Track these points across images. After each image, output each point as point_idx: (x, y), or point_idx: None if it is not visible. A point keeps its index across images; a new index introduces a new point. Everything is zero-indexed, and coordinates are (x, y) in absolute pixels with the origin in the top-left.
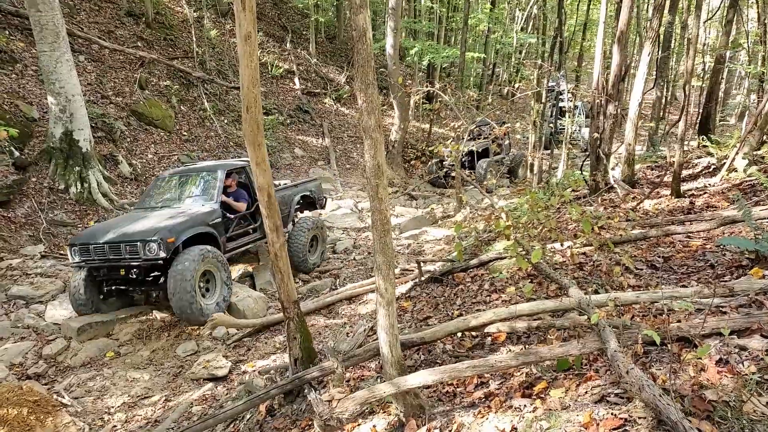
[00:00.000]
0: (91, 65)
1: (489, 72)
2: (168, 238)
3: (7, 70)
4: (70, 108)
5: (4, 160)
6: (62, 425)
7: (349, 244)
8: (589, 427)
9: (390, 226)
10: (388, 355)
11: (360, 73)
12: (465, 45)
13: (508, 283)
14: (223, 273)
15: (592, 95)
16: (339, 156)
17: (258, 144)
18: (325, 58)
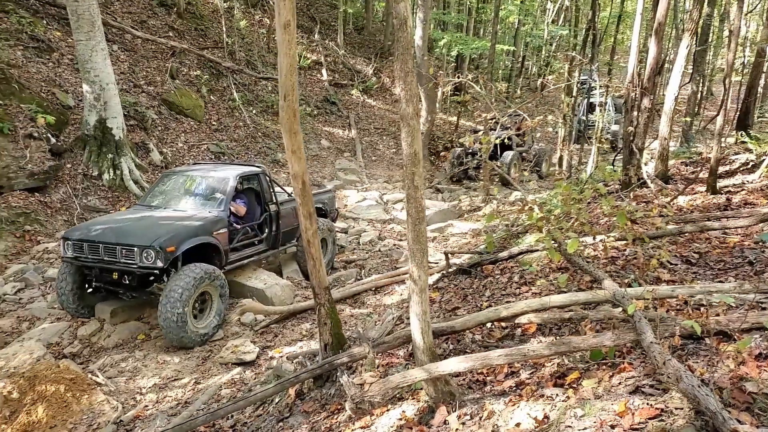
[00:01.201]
0: (124, 54)
1: (518, 65)
2: (168, 246)
3: (45, 58)
4: (104, 96)
5: (42, 147)
6: (97, 403)
7: (374, 236)
8: (624, 415)
9: (424, 214)
10: (420, 341)
11: (400, 61)
12: (495, 37)
13: (538, 276)
14: (220, 294)
15: (627, 89)
16: (365, 148)
17: (294, 132)
18: (353, 50)
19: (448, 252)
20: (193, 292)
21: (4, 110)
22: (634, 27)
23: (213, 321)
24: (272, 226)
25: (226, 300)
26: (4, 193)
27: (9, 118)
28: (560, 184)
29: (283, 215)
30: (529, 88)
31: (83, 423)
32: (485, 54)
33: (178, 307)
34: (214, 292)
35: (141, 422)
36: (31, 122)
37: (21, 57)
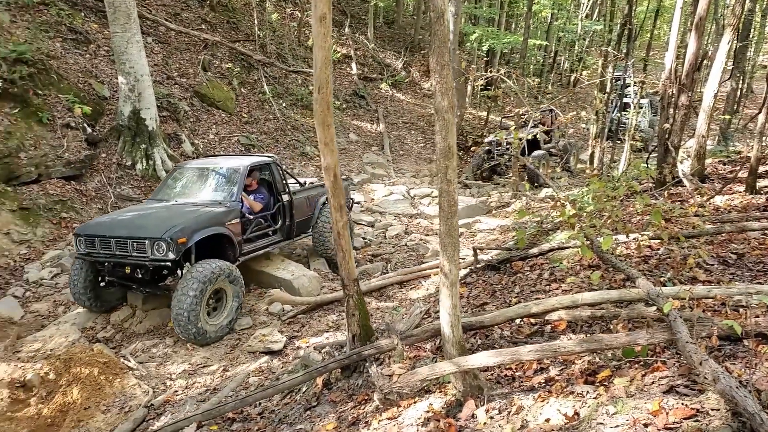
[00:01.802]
0: (158, 47)
1: (550, 60)
2: (179, 238)
3: (82, 50)
4: (139, 87)
5: (78, 136)
6: (128, 386)
7: (401, 230)
8: (658, 414)
9: (457, 208)
10: (450, 334)
11: (436, 53)
12: (528, 31)
13: (569, 273)
14: (235, 289)
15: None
16: (393, 142)
17: (327, 124)
18: (383, 43)
19: (476, 247)
20: (207, 289)
21: (43, 100)
22: (673, 22)
23: (228, 318)
24: (286, 217)
25: (242, 297)
26: (42, 181)
27: (48, 108)
28: (593, 180)
29: (296, 205)
30: (561, 84)
31: (116, 405)
32: (516, 49)
33: (191, 304)
34: (229, 289)
35: (171, 406)
36: (69, 112)
37: (60, 48)
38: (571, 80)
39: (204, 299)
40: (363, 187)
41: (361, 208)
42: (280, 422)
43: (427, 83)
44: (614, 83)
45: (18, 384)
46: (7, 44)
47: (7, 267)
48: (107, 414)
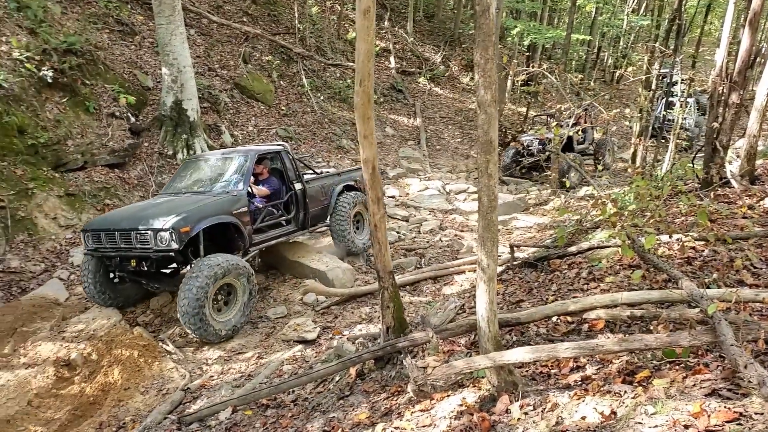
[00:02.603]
0: (200, 39)
1: (593, 56)
2: (182, 227)
3: (128, 41)
4: (181, 79)
5: (122, 125)
6: (166, 370)
7: (435, 225)
8: (699, 417)
9: (497, 203)
10: (486, 329)
11: (480, 47)
12: (571, 26)
13: (608, 273)
14: (246, 285)
15: (714, 83)
16: (429, 137)
17: (367, 117)
18: (422, 37)
19: (513, 244)
20: (211, 286)
21: (90, 90)
22: (725, 17)
23: (238, 315)
24: (299, 206)
25: (254, 293)
26: (87, 168)
27: (94, 98)
28: (636, 179)
29: (311, 195)
30: (604, 81)
31: (154, 387)
32: (559, 44)
33: (194, 301)
34: (239, 285)
35: (207, 391)
36: (114, 102)
37: (107, 40)
38: (615, 77)
39: (209, 296)
40: (398, 182)
41: (395, 203)
42: (313, 410)
43: (466, 78)
44: (660, 80)
45: (63, 363)
46: (58, 35)
47: (53, 250)
48: (146, 395)
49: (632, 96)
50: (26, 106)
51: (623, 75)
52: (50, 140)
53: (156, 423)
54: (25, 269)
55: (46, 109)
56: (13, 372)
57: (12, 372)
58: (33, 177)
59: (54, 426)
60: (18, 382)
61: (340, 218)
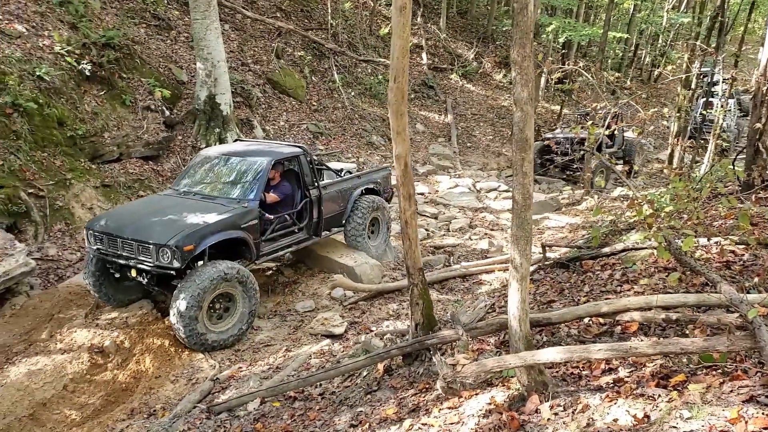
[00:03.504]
0: (234, 34)
1: (630, 54)
2: (185, 245)
3: (164, 36)
4: (215, 73)
5: (157, 119)
6: (196, 359)
7: (465, 223)
8: (736, 423)
9: (531, 201)
10: (517, 328)
11: (518, 45)
12: (608, 23)
13: (642, 275)
14: (246, 294)
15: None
16: (460, 134)
17: (401, 113)
18: (455, 33)
19: (545, 244)
20: (206, 295)
21: (127, 84)
22: None
23: (237, 324)
24: (313, 213)
25: (256, 302)
26: (122, 160)
27: (131, 91)
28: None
29: (326, 200)
30: (641, 79)
31: (184, 376)
32: (595, 41)
33: (188, 309)
34: (239, 295)
35: (235, 381)
36: (150, 95)
37: (143, 34)
38: (653, 75)
39: (204, 304)
40: (428, 179)
41: (425, 200)
42: (340, 403)
43: (499, 75)
44: (701, 79)
45: (97, 349)
46: (97, 30)
47: None
48: (176, 384)
49: (670, 95)
50: (66, 99)
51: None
52: (88, 132)
53: (186, 411)
54: (62, 257)
55: (84, 102)
56: (50, 357)
57: (49, 357)
58: (71, 168)
59: (88, 410)
60: (54, 367)
61: (356, 224)
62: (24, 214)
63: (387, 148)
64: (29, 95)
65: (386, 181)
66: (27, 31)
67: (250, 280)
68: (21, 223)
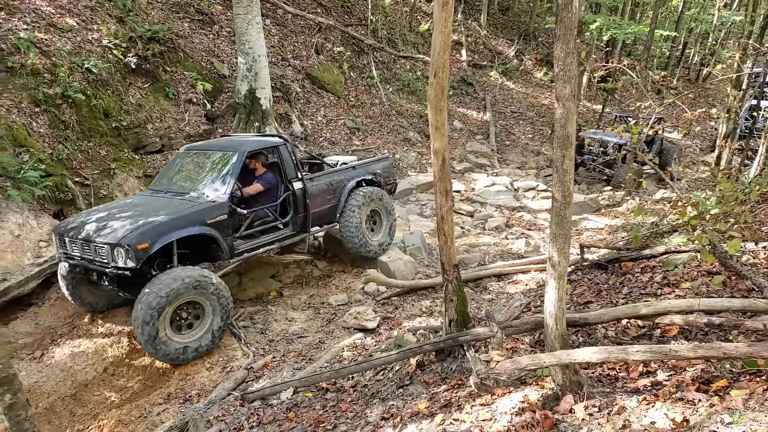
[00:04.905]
0: (275, 29)
1: (678, 52)
2: (139, 244)
3: (207, 30)
4: (256, 68)
5: (198, 112)
6: (231, 348)
7: (501, 222)
8: None
9: (571, 199)
10: (553, 327)
11: (561, 40)
12: (655, 21)
13: (684, 278)
14: (215, 304)
15: None
16: (499, 131)
17: (440, 109)
18: (495, 30)
19: (583, 244)
20: (169, 305)
21: (170, 77)
22: None
23: (205, 337)
24: (297, 207)
25: (229, 311)
26: (164, 151)
27: (174, 84)
28: (722, 181)
29: (313, 193)
30: (688, 79)
31: (219, 364)
32: (640, 39)
33: (145, 320)
34: (207, 304)
35: (269, 371)
36: (192, 89)
37: (187, 28)
38: (701, 75)
39: (165, 316)
40: (464, 176)
41: (460, 197)
42: (372, 396)
43: (540, 72)
44: (752, 80)
45: None
46: (143, 24)
47: None
48: (211, 371)
49: (719, 96)
50: (112, 91)
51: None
52: (132, 123)
53: (220, 398)
54: None
55: (129, 94)
56: (92, 340)
57: (91, 340)
58: (115, 158)
59: (126, 393)
60: (96, 350)
61: (349, 218)
62: (70, 201)
63: (424, 145)
64: (78, 87)
65: (388, 172)
66: (77, 24)
67: (218, 288)
68: (67, 211)
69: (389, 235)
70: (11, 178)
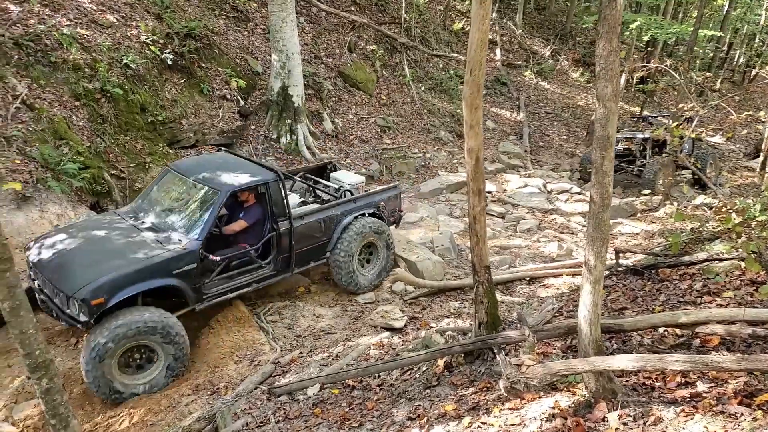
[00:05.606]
0: (309, 26)
1: (722, 53)
2: (94, 299)
3: (242, 27)
4: (289, 65)
5: (232, 108)
6: (258, 342)
7: (533, 225)
8: None
9: (610, 201)
10: (587, 332)
11: (604, 38)
12: (700, 21)
13: (726, 287)
14: (169, 349)
15: None
16: (532, 132)
17: (475, 107)
18: (531, 30)
19: (618, 249)
20: (114, 349)
21: (205, 73)
22: None
23: (159, 378)
24: (281, 247)
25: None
26: (198, 146)
27: (208, 81)
28: None
29: (301, 233)
30: (733, 81)
31: (247, 358)
32: (683, 40)
33: (92, 362)
34: (160, 349)
35: (296, 366)
36: (226, 85)
37: (222, 25)
38: (747, 77)
39: (113, 357)
40: (496, 177)
41: (492, 198)
42: (399, 396)
43: (576, 73)
44: None
45: None
46: (180, 20)
47: None
48: (239, 364)
49: (765, 99)
50: (149, 86)
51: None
52: (167, 118)
53: (247, 391)
54: None
55: (165, 90)
56: None
57: None
58: (150, 152)
59: None
60: None
61: (340, 253)
62: (106, 193)
63: (455, 144)
64: (116, 82)
65: (393, 203)
66: (117, 21)
67: (172, 332)
68: (103, 203)
69: (385, 269)
70: (51, 170)
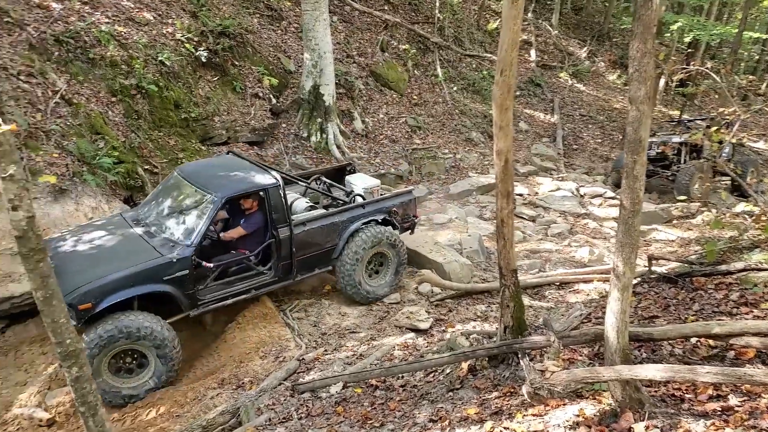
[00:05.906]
0: (341, 25)
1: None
2: (80, 304)
3: (275, 26)
4: (321, 64)
5: (264, 106)
6: (284, 339)
7: (565, 229)
8: None
9: (641, 207)
10: (614, 340)
11: (638, 39)
12: (745, 22)
13: (764, 298)
14: (160, 353)
15: None
16: (566, 135)
17: (505, 108)
18: (567, 31)
19: (651, 256)
20: (102, 355)
21: (238, 71)
22: None
23: (148, 383)
24: (281, 254)
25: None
26: (230, 143)
27: (241, 78)
28: None
29: (303, 240)
30: None
31: (272, 354)
32: (726, 42)
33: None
34: (151, 354)
35: (320, 364)
36: (258, 83)
37: (256, 24)
38: None
39: (103, 361)
40: (528, 179)
41: (523, 201)
42: (421, 397)
43: (613, 75)
44: None
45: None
46: (214, 19)
47: None
48: (264, 360)
49: None
50: (183, 83)
51: None
52: (200, 115)
53: (271, 387)
54: None
55: (198, 87)
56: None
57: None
58: (183, 148)
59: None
60: None
61: (347, 262)
62: (139, 188)
63: (486, 146)
64: (151, 78)
65: (407, 209)
66: (154, 19)
67: (161, 338)
68: (136, 197)
69: (391, 285)
70: (87, 164)
